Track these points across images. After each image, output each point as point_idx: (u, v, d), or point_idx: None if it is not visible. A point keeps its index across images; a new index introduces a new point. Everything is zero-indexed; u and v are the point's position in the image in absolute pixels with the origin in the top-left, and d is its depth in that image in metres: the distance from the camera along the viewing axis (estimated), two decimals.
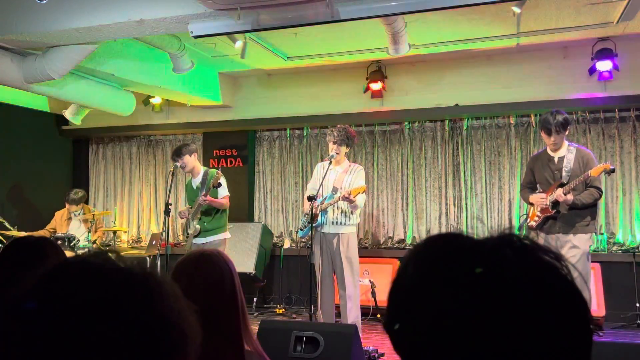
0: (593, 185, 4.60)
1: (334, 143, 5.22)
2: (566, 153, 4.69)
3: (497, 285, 0.63)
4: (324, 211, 5.15)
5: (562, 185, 4.66)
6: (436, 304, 0.64)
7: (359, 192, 4.97)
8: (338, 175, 5.24)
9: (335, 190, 5.16)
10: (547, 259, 0.66)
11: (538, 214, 4.76)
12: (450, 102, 6.86)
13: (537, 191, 4.91)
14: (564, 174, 4.67)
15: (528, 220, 4.92)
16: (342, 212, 5.17)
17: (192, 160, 5.70)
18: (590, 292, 4.73)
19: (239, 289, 1.70)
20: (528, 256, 0.66)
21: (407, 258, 0.72)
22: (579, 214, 4.62)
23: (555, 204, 4.65)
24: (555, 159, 4.74)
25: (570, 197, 4.58)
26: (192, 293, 1.64)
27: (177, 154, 5.69)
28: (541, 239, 4.80)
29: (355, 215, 5.23)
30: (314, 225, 5.14)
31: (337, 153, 5.18)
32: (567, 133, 4.69)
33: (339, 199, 5.04)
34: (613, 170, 4.63)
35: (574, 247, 4.53)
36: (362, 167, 5.42)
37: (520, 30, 5.81)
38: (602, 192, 4.71)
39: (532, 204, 4.88)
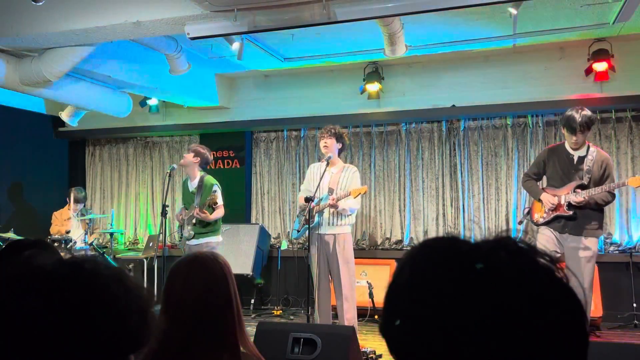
0: (609, 190, 4.51)
1: (321, 138, 5.20)
2: (586, 154, 4.54)
3: (492, 288, 0.63)
4: (320, 212, 5.13)
5: (582, 186, 4.52)
6: (432, 307, 0.64)
7: (360, 193, 4.97)
8: (332, 176, 5.22)
9: (331, 191, 5.14)
10: (542, 261, 0.66)
11: (547, 210, 4.64)
12: (447, 103, 6.86)
13: (541, 185, 4.82)
14: (585, 176, 4.52)
15: (537, 216, 4.75)
16: (337, 213, 5.13)
17: (191, 161, 5.64)
18: (592, 294, 4.67)
19: (234, 291, 1.70)
20: (523, 259, 0.66)
21: (403, 261, 0.72)
22: (588, 217, 4.52)
23: (573, 206, 4.51)
24: (575, 158, 4.58)
25: (585, 195, 4.48)
26: (187, 296, 1.64)
27: (187, 150, 5.83)
28: (545, 234, 4.67)
29: (351, 216, 5.20)
30: (311, 226, 5.10)
31: (325, 146, 5.15)
32: (589, 133, 4.57)
33: (328, 206, 5.02)
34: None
35: (586, 249, 4.48)
36: (357, 169, 5.37)
37: (516, 31, 5.82)
38: (614, 195, 4.61)
39: (540, 201, 4.72)
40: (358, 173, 5.30)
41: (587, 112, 4.47)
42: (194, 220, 5.55)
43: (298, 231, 5.35)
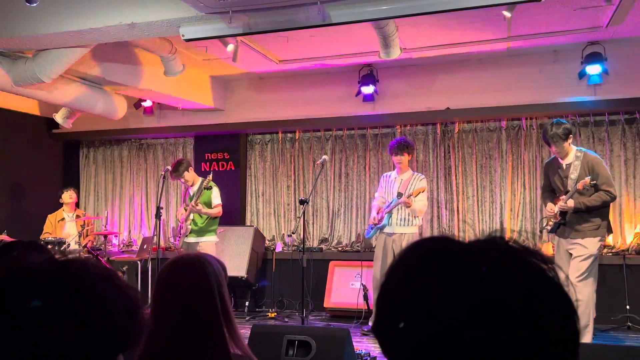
0: (601, 188, 4.62)
1: (394, 155, 5.79)
2: (573, 160, 4.72)
3: (483, 287, 0.63)
4: (389, 214, 5.71)
5: (568, 192, 4.72)
6: (423, 307, 0.65)
7: (420, 192, 5.57)
8: (402, 182, 5.81)
9: (399, 195, 5.69)
10: (533, 261, 0.66)
11: (552, 219, 4.86)
12: (442, 106, 6.88)
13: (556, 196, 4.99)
14: (569, 181, 4.70)
15: (545, 224, 5.00)
16: (407, 213, 5.67)
17: (192, 175, 6.22)
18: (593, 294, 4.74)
19: (220, 293, 1.69)
20: (514, 258, 0.66)
21: (395, 262, 0.72)
22: (586, 218, 4.65)
23: (563, 212, 4.73)
24: (564, 166, 4.79)
25: (571, 202, 4.63)
26: (169, 297, 1.65)
27: (177, 173, 6.11)
28: (558, 253, 4.88)
29: (418, 217, 5.74)
30: (379, 226, 5.75)
31: (399, 162, 5.80)
32: (569, 142, 4.70)
33: (400, 203, 5.60)
34: (594, 185, 4.63)
35: (583, 248, 4.62)
36: (424, 176, 5.93)
37: (510, 34, 5.85)
38: (612, 195, 4.66)
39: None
40: (425, 180, 5.88)
41: (561, 123, 4.68)
42: (191, 217, 6.06)
43: (369, 231, 5.94)
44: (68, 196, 7.18)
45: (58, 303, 0.70)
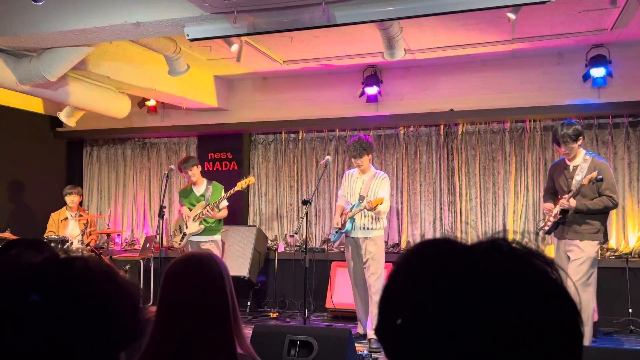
0: (605, 193, 4.63)
1: (354, 158, 5.52)
2: (581, 162, 4.75)
3: (485, 289, 0.63)
4: (352, 218, 5.50)
5: (570, 192, 4.73)
6: (426, 309, 0.65)
7: (379, 203, 5.29)
8: (364, 183, 5.57)
9: (361, 198, 5.50)
10: (536, 262, 0.66)
11: (551, 219, 4.87)
12: (445, 107, 6.88)
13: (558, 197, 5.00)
14: (574, 182, 4.72)
15: (543, 224, 5.01)
16: (369, 218, 5.47)
17: (198, 173, 6.36)
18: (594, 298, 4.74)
19: (230, 292, 1.69)
20: (517, 260, 0.66)
21: (397, 264, 0.72)
22: (587, 221, 4.66)
23: (564, 211, 4.74)
24: (570, 168, 4.81)
25: (573, 202, 4.63)
26: (182, 296, 1.64)
27: (186, 165, 6.30)
28: (557, 254, 4.90)
29: (382, 220, 5.52)
30: (343, 231, 5.56)
31: (359, 165, 5.53)
32: (579, 143, 4.71)
33: (364, 208, 5.39)
34: (600, 180, 4.63)
35: (580, 251, 4.62)
36: (387, 175, 5.69)
37: (515, 36, 5.84)
38: (615, 201, 4.67)
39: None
40: (388, 179, 5.63)
41: (572, 124, 4.69)
42: (202, 217, 6.25)
43: (334, 235, 5.76)
44: (70, 200, 7.19)
45: (60, 301, 0.71)
